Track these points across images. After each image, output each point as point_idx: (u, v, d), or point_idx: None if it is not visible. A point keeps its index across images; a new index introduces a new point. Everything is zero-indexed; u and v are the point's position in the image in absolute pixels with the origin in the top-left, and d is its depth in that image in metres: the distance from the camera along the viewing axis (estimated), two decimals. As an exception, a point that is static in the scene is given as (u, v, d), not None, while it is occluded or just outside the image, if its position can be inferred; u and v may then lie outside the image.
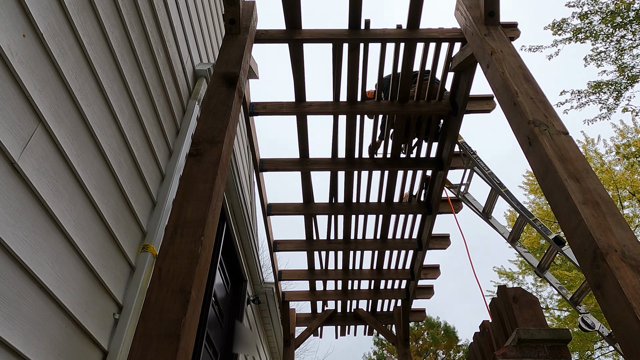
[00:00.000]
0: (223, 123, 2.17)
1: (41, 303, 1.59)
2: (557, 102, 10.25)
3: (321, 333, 6.71)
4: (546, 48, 9.75)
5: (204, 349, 3.55)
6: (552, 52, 9.90)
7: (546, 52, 10.89)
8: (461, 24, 3.05)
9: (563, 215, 1.87)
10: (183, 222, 1.74)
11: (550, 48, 9.76)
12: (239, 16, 2.81)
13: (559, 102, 10.20)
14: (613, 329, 1.54)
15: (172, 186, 2.65)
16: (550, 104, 2.28)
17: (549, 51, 9.99)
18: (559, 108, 10.23)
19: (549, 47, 9.76)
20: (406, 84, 3.45)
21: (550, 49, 9.76)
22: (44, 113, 1.58)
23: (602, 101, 9.94)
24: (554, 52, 9.87)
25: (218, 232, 3.96)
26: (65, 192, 1.72)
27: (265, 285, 5.56)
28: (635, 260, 1.57)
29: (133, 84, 2.29)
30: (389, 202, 4.52)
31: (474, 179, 4.94)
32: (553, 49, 9.77)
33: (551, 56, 9.91)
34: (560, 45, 9.63)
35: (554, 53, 9.87)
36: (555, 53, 9.86)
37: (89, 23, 1.88)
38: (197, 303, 1.58)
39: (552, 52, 9.90)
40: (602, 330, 4.34)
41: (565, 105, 10.13)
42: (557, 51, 9.80)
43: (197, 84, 3.26)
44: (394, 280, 5.72)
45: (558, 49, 9.75)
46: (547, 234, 4.41)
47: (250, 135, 3.87)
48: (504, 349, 2.29)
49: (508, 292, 2.57)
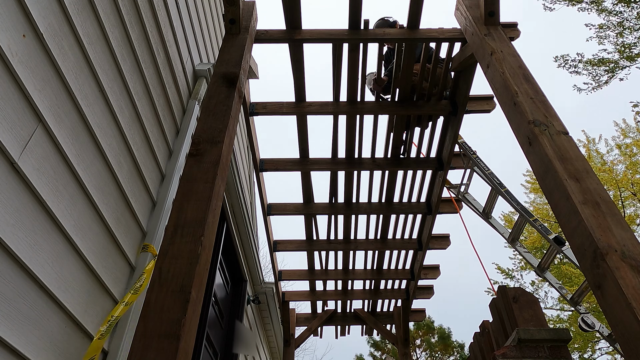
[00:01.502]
0: (223, 123, 2.17)
1: (41, 303, 1.59)
2: (556, 59, 10.56)
3: (321, 333, 6.71)
4: None
5: (204, 349, 3.56)
6: (549, 6, 10.36)
7: (546, 3, 11.21)
8: (461, 24, 3.05)
9: (563, 215, 1.87)
10: (183, 222, 1.73)
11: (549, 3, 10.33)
12: (239, 16, 2.81)
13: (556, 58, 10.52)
14: (613, 329, 1.54)
15: (172, 186, 2.65)
16: (550, 104, 2.28)
17: (547, 4, 10.41)
18: (555, 62, 10.57)
19: None
20: (406, 82, 3.45)
21: (550, 3, 10.33)
22: (44, 113, 1.58)
23: (597, 74, 10.27)
24: (549, 6, 10.38)
25: (218, 232, 3.96)
26: (65, 192, 1.72)
27: (265, 285, 5.56)
28: (635, 260, 1.57)
29: (133, 84, 2.29)
30: (389, 202, 4.52)
31: (473, 179, 4.94)
32: (551, 5, 10.41)
33: (547, 8, 10.32)
34: (557, 5, 10.11)
35: (549, 7, 10.34)
36: (549, 8, 10.35)
37: (89, 23, 1.88)
38: (197, 303, 1.58)
39: (549, 6, 10.36)
40: (602, 330, 4.35)
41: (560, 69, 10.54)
42: (552, 7, 10.27)
43: (197, 84, 3.27)
44: (394, 280, 5.71)
45: (554, 6, 10.26)
46: (547, 234, 4.41)
47: (250, 135, 3.87)
48: (504, 349, 2.29)
49: (508, 292, 2.57)
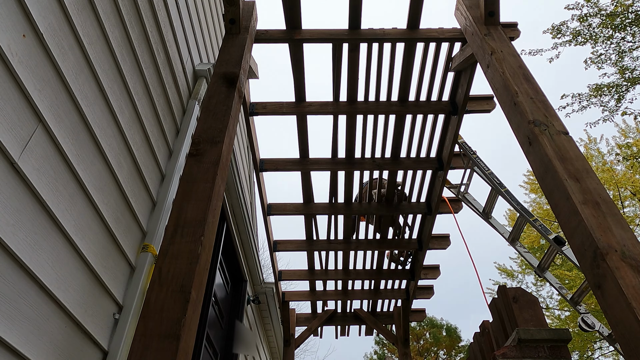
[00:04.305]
0: (223, 123, 2.17)
1: (41, 303, 1.59)
2: (559, 106, 10.29)
3: (321, 333, 6.71)
4: (546, 51, 9.82)
5: (204, 349, 3.55)
6: (553, 55, 9.96)
7: (547, 54, 11.01)
8: (461, 24, 3.06)
9: (563, 215, 1.87)
10: (183, 222, 1.73)
11: (550, 51, 9.82)
12: (239, 16, 2.81)
13: (560, 106, 10.24)
14: (613, 329, 1.54)
15: (172, 186, 2.65)
16: (550, 104, 2.28)
17: (549, 54, 10.08)
18: (560, 112, 10.31)
19: (549, 50, 9.82)
20: (406, 84, 3.46)
21: (551, 52, 9.84)
22: (44, 113, 1.58)
23: (604, 104, 9.98)
24: (554, 54, 9.94)
25: (218, 232, 3.96)
26: (65, 192, 1.72)
27: (265, 285, 5.55)
28: (635, 260, 1.57)
29: (133, 84, 2.29)
30: (389, 202, 4.52)
31: (473, 179, 4.94)
32: (553, 52, 9.85)
33: (552, 59, 9.95)
34: (560, 48, 9.73)
35: (554, 56, 9.92)
36: (555, 56, 9.93)
37: (89, 23, 1.88)
38: (197, 303, 1.58)
39: (553, 55, 9.96)
40: (602, 330, 4.35)
41: (567, 109, 10.18)
42: (557, 54, 9.88)
43: (197, 84, 3.26)
44: (394, 280, 5.72)
45: (558, 52, 9.84)
46: (547, 234, 4.41)
47: (250, 135, 3.87)
48: (504, 349, 2.29)
49: (508, 292, 2.57)
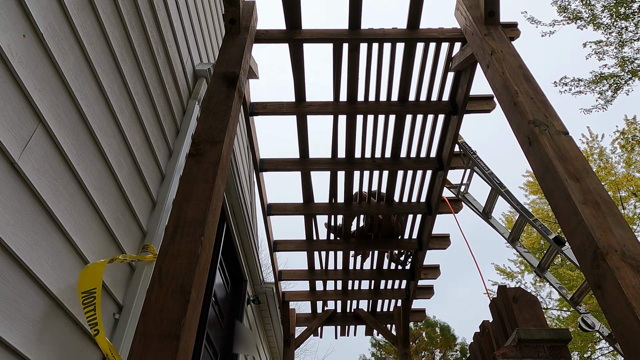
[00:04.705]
0: (223, 123, 2.17)
1: (41, 303, 1.59)
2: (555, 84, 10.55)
3: (321, 333, 6.71)
4: (545, 25, 10.28)
5: (204, 349, 3.55)
6: (549, 30, 10.36)
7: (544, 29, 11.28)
8: (461, 24, 3.05)
9: (563, 215, 1.87)
10: (183, 222, 1.73)
11: (547, 26, 10.35)
12: (239, 16, 2.80)
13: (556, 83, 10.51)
14: (613, 329, 1.54)
15: (172, 186, 2.65)
16: (551, 103, 2.28)
17: (546, 29, 10.46)
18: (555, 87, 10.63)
19: (547, 26, 10.29)
20: (406, 84, 3.46)
21: (548, 27, 10.36)
22: (44, 113, 1.58)
23: (601, 92, 10.23)
24: (549, 30, 10.39)
25: (218, 232, 3.96)
26: (65, 192, 1.72)
27: (265, 285, 5.55)
28: (635, 260, 1.57)
29: (133, 84, 2.29)
30: (389, 202, 4.52)
31: (473, 179, 4.94)
32: (551, 28, 10.39)
33: (547, 34, 10.31)
34: (557, 27, 10.12)
35: (549, 32, 10.31)
36: (550, 32, 10.28)
37: (89, 23, 1.88)
38: (197, 303, 1.57)
39: (549, 30, 10.36)
40: (602, 330, 4.35)
41: (565, 94, 10.57)
42: (553, 30, 10.27)
43: (197, 84, 3.27)
44: (394, 280, 5.72)
45: (554, 29, 10.24)
46: (547, 234, 4.41)
47: (250, 135, 3.87)
48: (504, 349, 2.29)
49: (508, 292, 2.57)
